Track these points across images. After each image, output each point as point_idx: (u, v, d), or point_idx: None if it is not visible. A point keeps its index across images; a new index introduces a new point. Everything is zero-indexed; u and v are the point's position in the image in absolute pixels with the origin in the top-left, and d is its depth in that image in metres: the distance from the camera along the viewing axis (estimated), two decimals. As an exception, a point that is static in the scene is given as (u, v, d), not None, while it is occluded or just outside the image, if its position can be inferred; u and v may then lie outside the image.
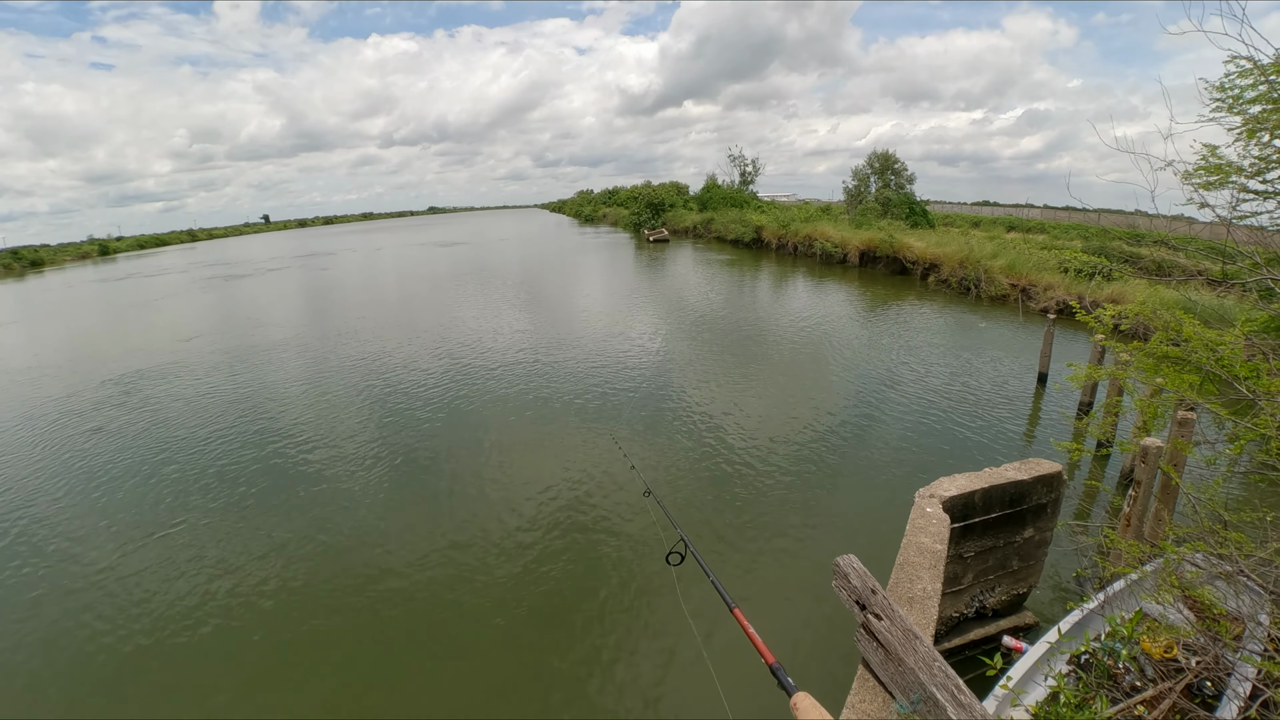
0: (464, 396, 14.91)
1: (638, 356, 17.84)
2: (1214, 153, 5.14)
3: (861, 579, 3.57)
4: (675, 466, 10.74)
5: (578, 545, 8.56)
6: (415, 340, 21.35)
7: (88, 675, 6.71)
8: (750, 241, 47.13)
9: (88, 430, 14.03)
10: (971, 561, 6.02)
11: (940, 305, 23.81)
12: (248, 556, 8.66)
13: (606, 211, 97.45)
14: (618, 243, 60.31)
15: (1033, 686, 4.56)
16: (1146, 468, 6.33)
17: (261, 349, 21.48)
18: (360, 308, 29.85)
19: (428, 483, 10.65)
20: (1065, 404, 12.52)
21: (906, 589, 4.13)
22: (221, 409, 15.00)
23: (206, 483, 11.02)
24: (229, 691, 6.34)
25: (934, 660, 3.11)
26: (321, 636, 7.06)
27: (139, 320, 30.49)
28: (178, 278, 52.24)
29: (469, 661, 6.61)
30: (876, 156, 45.48)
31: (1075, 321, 16.59)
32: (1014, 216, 50.94)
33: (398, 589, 7.80)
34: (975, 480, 5.83)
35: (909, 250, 30.62)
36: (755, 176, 67.98)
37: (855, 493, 9.77)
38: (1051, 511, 6.27)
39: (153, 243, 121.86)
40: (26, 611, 7.79)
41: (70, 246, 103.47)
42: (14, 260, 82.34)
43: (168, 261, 76.62)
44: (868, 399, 13.68)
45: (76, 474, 11.73)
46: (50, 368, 20.89)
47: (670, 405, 13.68)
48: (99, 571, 8.52)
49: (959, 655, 6.07)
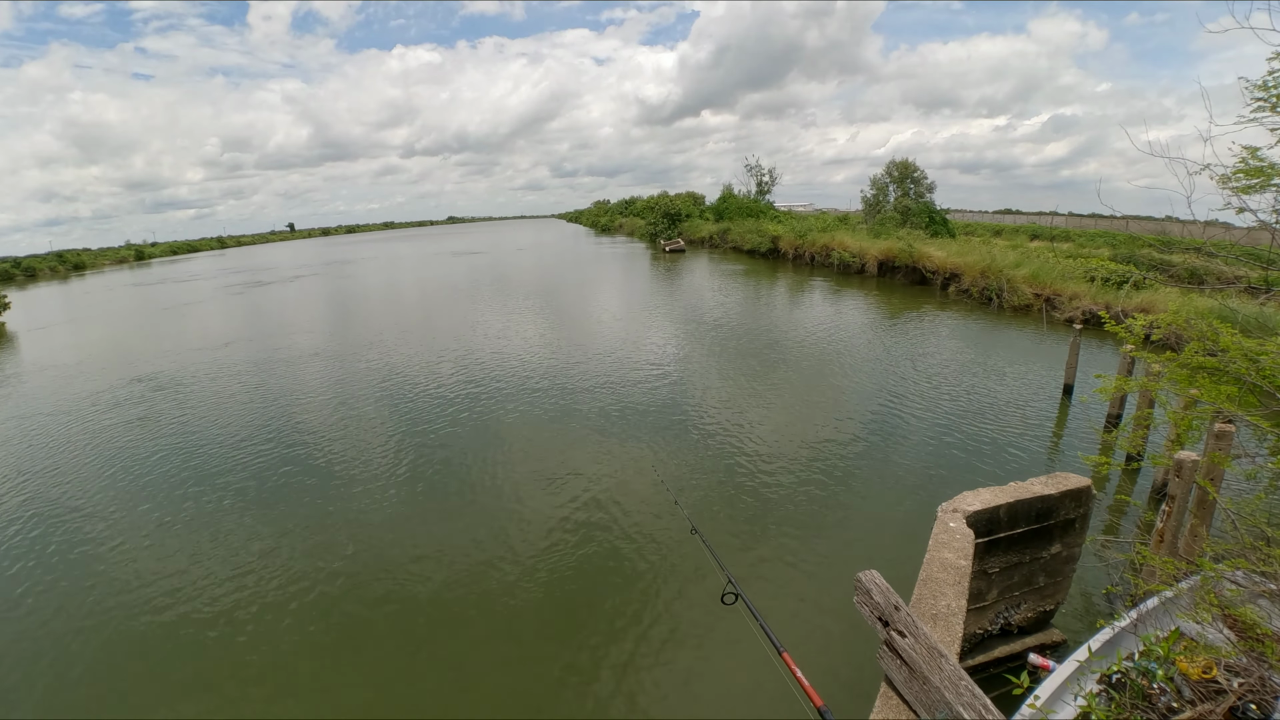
0: (485, 404, 14.96)
1: (657, 367, 17.78)
2: (1254, 154, 4.97)
3: (884, 595, 3.47)
4: (695, 477, 10.64)
5: (601, 552, 8.51)
6: (437, 347, 21.52)
7: (103, 656, 6.79)
8: (767, 251, 46.96)
9: (129, 420, 14.29)
10: (996, 578, 5.84)
11: (961, 315, 23.47)
12: (274, 551, 8.74)
13: (623, 221, 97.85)
14: (634, 253, 60.48)
15: (1062, 706, 4.39)
16: (1181, 482, 6.11)
17: (290, 355, 21.79)
18: (383, 315, 30.23)
19: (449, 487, 10.69)
20: (1092, 417, 12.21)
21: (930, 605, 4.01)
22: (254, 410, 15.23)
23: (236, 479, 11.23)
24: (267, 684, 6.37)
25: (960, 679, 3.00)
26: (343, 635, 7.07)
27: (175, 324, 31.11)
28: (209, 284, 53.36)
29: (490, 657, 6.57)
30: (895, 165, 45.11)
31: (1101, 332, 16.25)
32: (1037, 224, 50.22)
33: (422, 587, 7.80)
34: (1000, 495, 5.67)
35: (929, 260, 30.25)
36: (772, 186, 67.81)
37: (876, 506, 9.58)
38: (1080, 527, 6.07)
39: (185, 249, 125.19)
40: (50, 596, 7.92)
41: (109, 251, 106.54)
42: (59, 263, 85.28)
43: (198, 267, 78.48)
44: (888, 411, 13.47)
45: (113, 466, 11.94)
46: (91, 365, 21.36)
47: (689, 415, 13.58)
48: (122, 554, 8.64)
49: (983, 673, 5.89)
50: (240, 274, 62.07)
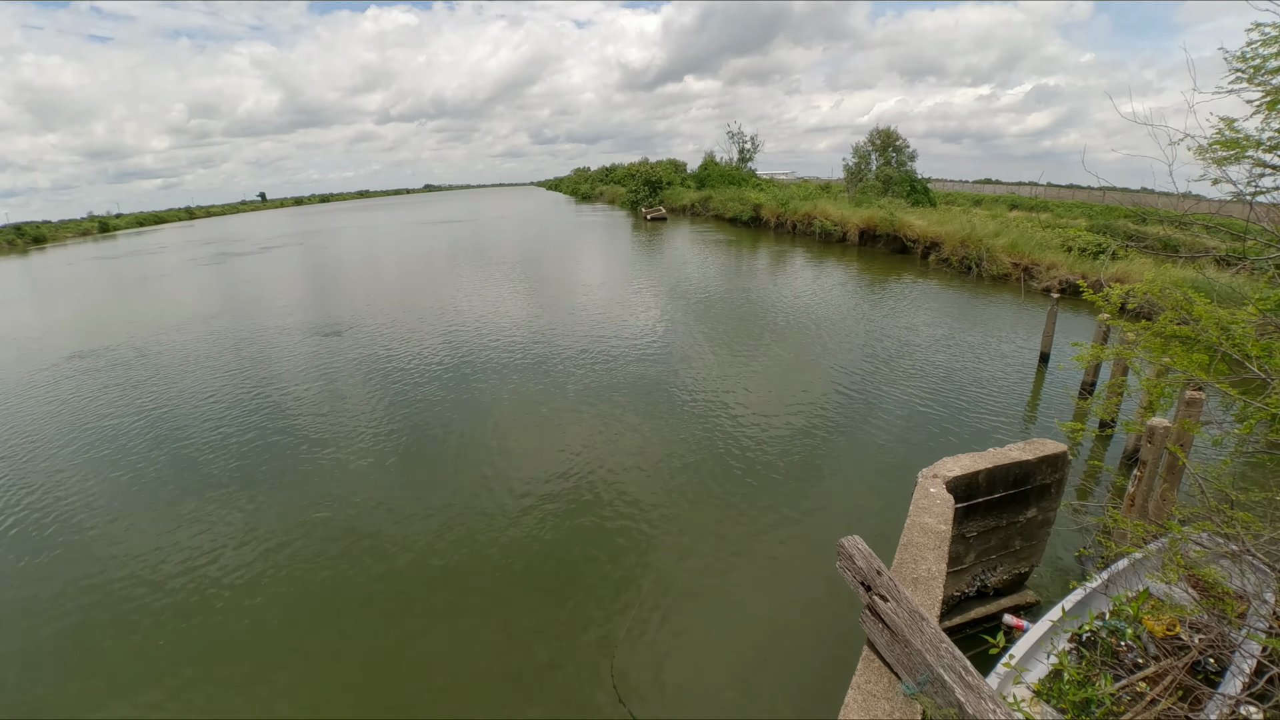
0: (467, 372, 14.87)
1: (637, 336, 17.74)
2: (1230, 125, 5.00)
3: (866, 560, 3.54)
4: (676, 444, 10.72)
5: (580, 518, 8.59)
6: (420, 317, 21.24)
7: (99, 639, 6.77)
8: (749, 220, 46.70)
9: (106, 389, 14.01)
10: (974, 541, 6.01)
11: (941, 284, 23.67)
12: (257, 527, 8.69)
13: (603, 189, 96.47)
14: (615, 221, 59.83)
15: (1035, 664, 4.56)
16: (1152, 448, 6.29)
17: (269, 328, 21.38)
18: (362, 286, 29.71)
19: (433, 454, 10.67)
20: (1068, 384, 12.48)
21: (911, 570, 4.10)
22: (234, 385, 14.98)
23: (219, 455, 11.10)
24: (270, 649, 6.39)
25: (940, 642, 3.09)
26: (329, 602, 7.10)
27: (146, 298, 30.29)
28: (176, 256, 51.77)
29: (479, 611, 6.65)
30: (878, 133, 44.88)
31: (1078, 301, 16.51)
32: (1016, 195, 50.49)
33: (409, 555, 7.83)
34: (979, 460, 5.79)
35: (910, 229, 30.34)
36: (754, 154, 67.28)
37: (858, 473, 9.75)
38: (1055, 492, 6.24)
39: (151, 220, 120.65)
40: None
41: (71, 223, 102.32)
42: (17, 237, 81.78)
43: (167, 239, 76.08)
44: (868, 379, 13.63)
45: (97, 451, 11.74)
46: (55, 342, 20.81)
47: (670, 384, 13.63)
48: (109, 539, 8.55)
49: (960, 633, 6.09)
50: (209, 245, 60.40)
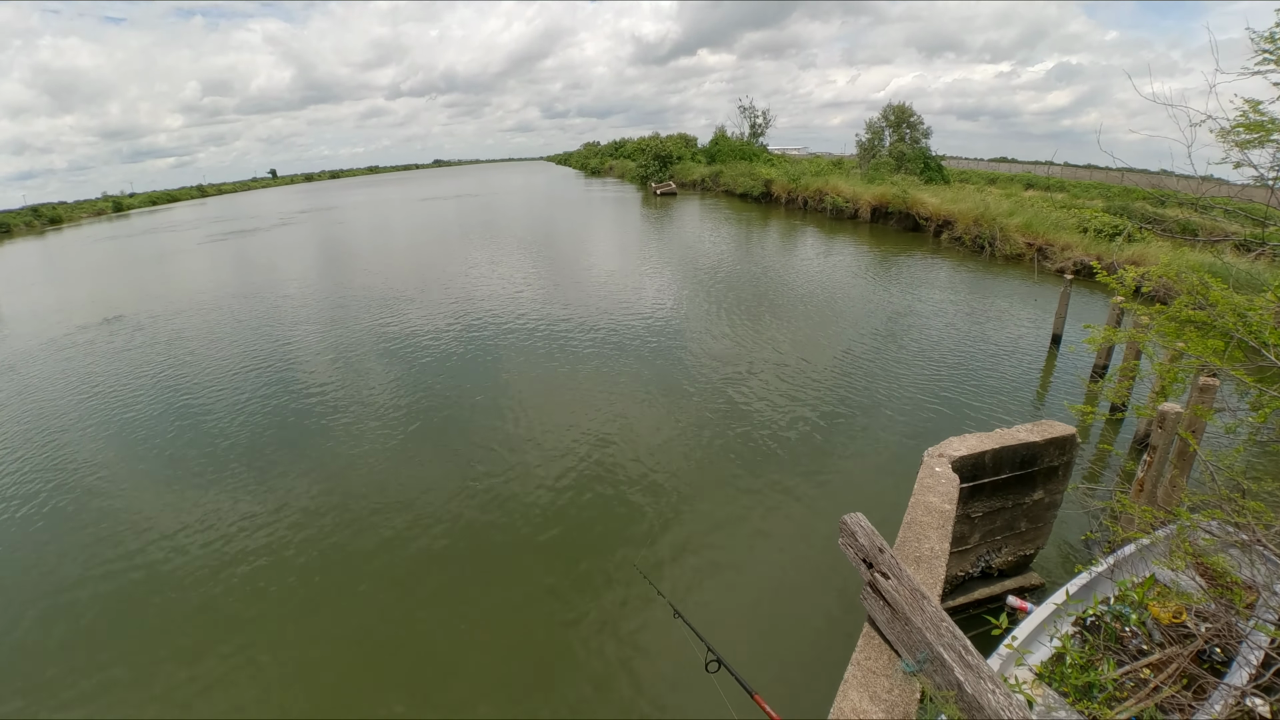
0: (481, 348, 14.95)
1: (647, 312, 17.69)
2: (1255, 108, 4.84)
3: (869, 537, 3.54)
4: (682, 419, 10.75)
5: (594, 491, 8.66)
6: (435, 292, 21.31)
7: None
8: (759, 195, 46.12)
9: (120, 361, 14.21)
10: (979, 522, 6.00)
11: (953, 263, 23.37)
12: (281, 504, 8.83)
13: (612, 164, 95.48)
14: (624, 196, 59.31)
15: (1038, 647, 4.57)
16: (1163, 433, 6.23)
17: (287, 304, 21.55)
18: (377, 262, 29.81)
19: (446, 433, 10.77)
20: (1079, 366, 12.34)
21: (914, 548, 4.11)
22: (253, 361, 15.15)
23: (238, 430, 11.27)
24: (280, 623, 6.53)
25: (941, 620, 3.09)
26: (339, 576, 7.22)
27: (164, 275, 30.50)
28: (193, 233, 51.89)
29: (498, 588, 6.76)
30: (891, 109, 43.92)
31: (1091, 283, 16.26)
32: (1032, 174, 49.52)
33: (428, 532, 7.94)
34: (986, 440, 5.75)
35: (922, 206, 29.87)
36: (766, 129, 66.06)
37: (863, 450, 9.74)
38: (1063, 474, 6.21)
39: (164, 199, 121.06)
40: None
41: (86, 204, 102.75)
42: (35, 218, 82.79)
43: (180, 217, 76.17)
44: (877, 356, 13.55)
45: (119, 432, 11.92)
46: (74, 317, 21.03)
47: (678, 359, 13.64)
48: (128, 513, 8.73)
49: (962, 614, 6.11)
50: (222, 223, 60.50)
